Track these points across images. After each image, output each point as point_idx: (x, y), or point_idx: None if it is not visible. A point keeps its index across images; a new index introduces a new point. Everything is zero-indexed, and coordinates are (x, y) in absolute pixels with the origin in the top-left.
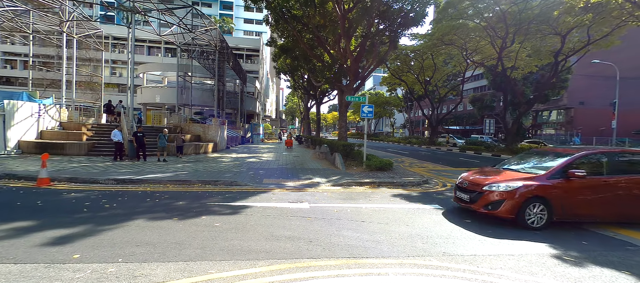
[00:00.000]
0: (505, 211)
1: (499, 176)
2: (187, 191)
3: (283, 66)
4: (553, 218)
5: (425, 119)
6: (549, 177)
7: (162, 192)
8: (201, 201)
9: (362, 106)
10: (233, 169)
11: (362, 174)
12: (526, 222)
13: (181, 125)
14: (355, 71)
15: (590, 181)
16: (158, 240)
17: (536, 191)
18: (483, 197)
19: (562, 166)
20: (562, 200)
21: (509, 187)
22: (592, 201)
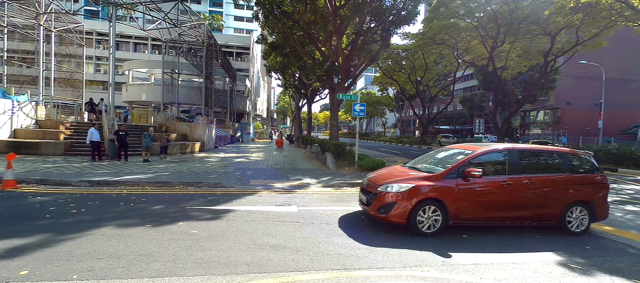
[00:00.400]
0: (396, 215)
1: (398, 176)
2: (166, 194)
3: (273, 64)
4: (449, 222)
5: (416, 118)
6: (445, 177)
7: (139, 195)
8: (180, 204)
9: (353, 104)
10: (219, 169)
11: (354, 175)
12: (418, 227)
13: (167, 124)
14: (346, 69)
15: (489, 182)
16: (124, 252)
17: (430, 192)
18: (377, 199)
19: (459, 165)
20: (457, 202)
21: (402, 188)
22: (491, 203)
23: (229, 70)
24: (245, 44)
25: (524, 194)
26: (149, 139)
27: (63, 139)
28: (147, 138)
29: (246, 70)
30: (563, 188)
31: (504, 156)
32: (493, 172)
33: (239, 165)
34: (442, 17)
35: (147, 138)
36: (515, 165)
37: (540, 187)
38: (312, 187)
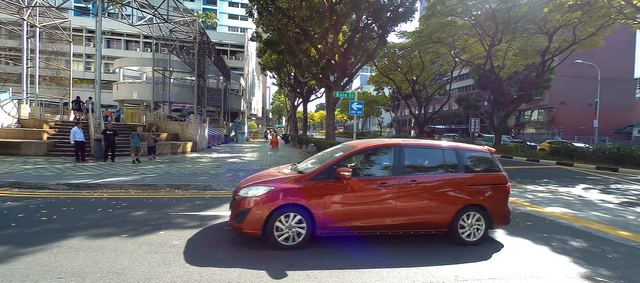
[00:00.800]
0: (250, 224)
1: (267, 176)
2: (150, 198)
3: (268, 62)
4: (316, 232)
5: (411, 118)
6: (312, 178)
7: (120, 199)
8: (164, 210)
9: (351, 102)
10: (210, 171)
11: None
12: (276, 239)
13: (157, 123)
14: (343, 66)
15: (366, 184)
16: (91, 269)
17: (291, 196)
18: (234, 205)
19: (331, 163)
20: (326, 208)
21: (258, 192)
22: (367, 209)
23: (222, 68)
24: (239, 42)
25: (408, 198)
26: (138, 139)
27: (46, 139)
28: (135, 137)
29: (241, 69)
30: (454, 190)
31: (389, 154)
32: (375, 172)
33: (231, 166)
34: (440, 15)
35: (136, 138)
36: (401, 164)
37: (428, 189)
38: None
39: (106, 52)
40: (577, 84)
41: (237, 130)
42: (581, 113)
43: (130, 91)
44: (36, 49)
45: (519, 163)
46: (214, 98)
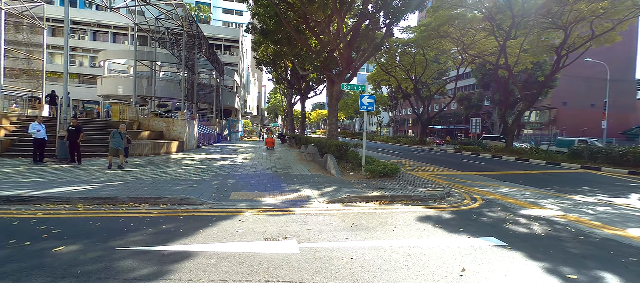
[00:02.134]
0: None
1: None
2: (101, 218)
3: (264, 55)
4: None
5: (409, 118)
6: None
7: (56, 221)
8: (111, 242)
9: (361, 96)
10: (193, 176)
11: (364, 184)
12: None
13: (139, 119)
14: (348, 58)
15: None
16: None
17: None
18: None
19: None
20: None
21: None
22: None
23: (215, 62)
24: (234, 36)
25: None
26: (119, 139)
27: (3, 136)
28: (116, 137)
29: (235, 65)
30: None
31: None
32: None
33: (220, 170)
34: (449, 6)
35: (117, 138)
36: None
37: None
38: (314, 202)
39: (92, 45)
40: (579, 84)
41: (231, 129)
42: (583, 114)
43: (115, 86)
44: (1, 34)
45: (539, 167)
46: (206, 94)
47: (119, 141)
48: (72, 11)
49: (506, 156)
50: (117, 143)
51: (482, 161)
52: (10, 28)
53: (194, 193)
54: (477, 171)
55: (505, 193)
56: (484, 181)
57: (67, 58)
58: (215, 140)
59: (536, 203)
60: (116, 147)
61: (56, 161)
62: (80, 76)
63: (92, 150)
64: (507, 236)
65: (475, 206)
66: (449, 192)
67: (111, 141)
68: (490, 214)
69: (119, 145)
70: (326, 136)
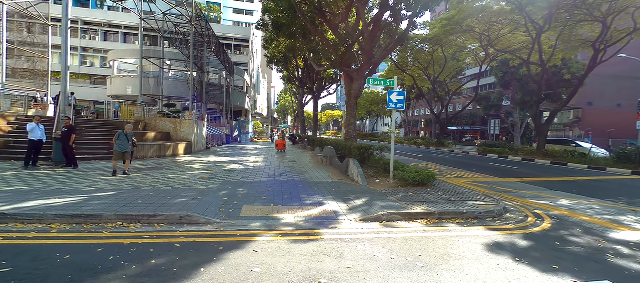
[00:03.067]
0: None
1: None
2: (75, 246)
3: (275, 53)
4: None
5: (422, 118)
6: None
7: (14, 249)
8: None
9: (389, 92)
10: (198, 184)
11: (399, 195)
12: None
13: (145, 119)
14: (369, 51)
15: None
16: None
17: None
18: None
19: None
20: None
21: None
22: None
23: (224, 60)
24: (244, 35)
25: None
26: (125, 141)
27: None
28: (122, 138)
29: (245, 64)
30: None
31: None
32: None
33: (229, 175)
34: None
35: (123, 139)
36: None
37: None
38: (343, 220)
39: (103, 45)
40: (606, 82)
41: (241, 129)
42: (609, 114)
43: (124, 86)
44: (3, 31)
45: (581, 172)
46: (215, 94)
47: (125, 143)
48: (83, 11)
49: (539, 159)
50: (123, 145)
51: (515, 166)
52: (14, 26)
53: (197, 208)
54: (516, 178)
55: (569, 208)
56: (531, 189)
57: (65, 55)
58: (224, 141)
59: (617, 221)
60: (122, 150)
61: (51, 165)
62: (91, 76)
63: (92, 152)
64: (624, 278)
65: (547, 228)
66: (505, 207)
67: (116, 143)
68: (575, 239)
69: (125, 148)
70: (343, 138)
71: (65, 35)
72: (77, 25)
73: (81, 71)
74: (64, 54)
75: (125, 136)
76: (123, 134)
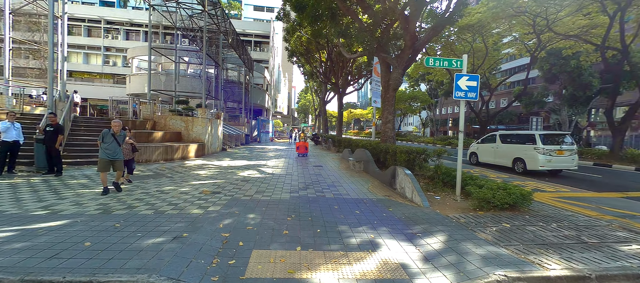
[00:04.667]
0: None
1: None
2: None
3: (297, 45)
4: None
5: (451, 117)
6: None
7: None
8: None
9: (456, 78)
10: (194, 205)
11: (492, 227)
12: None
13: (154, 118)
14: (412, 33)
15: None
16: None
17: None
18: None
19: None
20: None
21: None
22: None
23: (243, 55)
24: (264, 31)
25: None
26: (115, 146)
27: None
28: (108, 140)
29: (266, 61)
30: None
31: None
32: None
33: (240, 189)
34: None
35: (110, 142)
36: None
37: None
38: None
39: (125, 45)
40: None
41: (261, 129)
42: None
43: (142, 84)
44: (6, 24)
45: None
46: (234, 92)
47: (114, 147)
48: (106, 10)
49: (618, 164)
50: (111, 151)
51: (595, 173)
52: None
53: (172, 266)
54: (615, 192)
55: None
56: None
57: (51, 50)
58: (243, 141)
59: None
60: (110, 158)
61: (32, 171)
62: (114, 76)
63: (86, 155)
64: None
65: None
66: None
67: (101, 147)
68: None
69: (115, 155)
70: (374, 138)
71: (51, 27)
72: (100, 25)
73: (104, 71)
74: (50, 51)
75: (113, 136)
76: (110, 134)
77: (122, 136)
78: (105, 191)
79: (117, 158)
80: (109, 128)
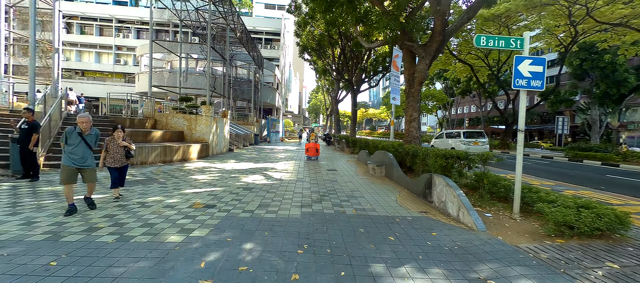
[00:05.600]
0: None
1: None
2: None
3: (309, 40)
4: None
5: (467, 117)
6: None
7: None
8: None
9: (517, 60)
10: (172, 231)
11: (597, 270)
12: None
13: (155, 116)
14: (443, 17)
15: None
16: None
17: None
18: None
19: None
20: None
21: None
22: None
23: (253, 51)
24: (275, 28)
25: None
26: (83, 148)
27: None
28: (73, 139)
29: (276, 60)
30: None
31: None
32: None
33: (240, 201)
34: None
35: (75, 142)
36: None
37: None
38: None
39: (136, 43)
40: None
41: (271, 128)
42: None
43: None
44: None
45: None
46: (244, 90)
47: (81, 151)
48: (117, 9)
49: None
50: (78, 156)
51: None
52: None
53: None
54: None
55: None
56: None
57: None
58: (252, 141)
59: None
60: (77, 166)
61: (5, 176)
62: (126, 75)
63: None
64: None
65: None
66: None
67: (64, 151)
68: None
69: (83, 162)
70: (405, 139)
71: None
72: (111, 24)
73: (116, 70)
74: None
75: (79, 136)
76: (75, 134)
77: (94, 136)
78: (70, 211)
79: (87, 166)
80: (75, 125)
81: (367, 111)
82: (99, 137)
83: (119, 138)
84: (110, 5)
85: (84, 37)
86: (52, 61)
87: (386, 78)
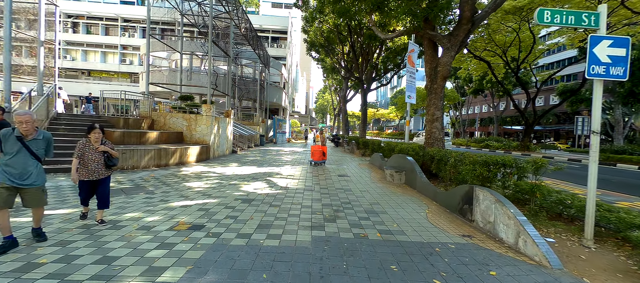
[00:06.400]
0: None
1: None
2: None
3: (316, 36)
4: None
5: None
6: None
7: None
8: None
9: (592, 41)
10: (134, 274)
11: None
12: None
13: (152, 116)
14: (471, 2)
15: None
16: None
17: None
18: None
19: None
20: None
21: None
22: None
23: (259, 49)
24: (282, 26)
25: None
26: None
27: None
28: (10, 144)
29: (283, 58)
30: None
31: None
32: None
33: (235, 218)
34: None
35: (12, 149)
36: None
37: None
38: None
39: (141, 42)
40: None
41: (277, 129)
42: None
43: (155, 81)
44: None
45: None
46: (249, 90)
47: (21, 162)
48: (123, 8)
49: None
50: (17, 170)
51: None
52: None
53: None
54: None
55: None
56: None
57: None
58: (257, 142)
59: None
60: (14, 183)
61: None
62: (131, 75)
63: (62, 160)
64: None
65: None
66: None
67: None
68: None
69: (22, 178)
70: (425, 140)
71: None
72: (117, 23)
73: (121, 70)
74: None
75: (19, 141)
76: (13, 138)
77: (42, 142)
78: (4, 247)
79: (29, 185)
80: (13, 127)
81: (378, 111)
82: (52, 143)
83: (97, 141)
84: (117, 4)
85: (90, 37)
86: (38, 58)
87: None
